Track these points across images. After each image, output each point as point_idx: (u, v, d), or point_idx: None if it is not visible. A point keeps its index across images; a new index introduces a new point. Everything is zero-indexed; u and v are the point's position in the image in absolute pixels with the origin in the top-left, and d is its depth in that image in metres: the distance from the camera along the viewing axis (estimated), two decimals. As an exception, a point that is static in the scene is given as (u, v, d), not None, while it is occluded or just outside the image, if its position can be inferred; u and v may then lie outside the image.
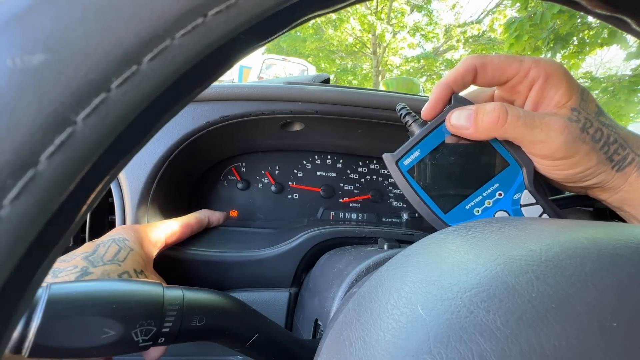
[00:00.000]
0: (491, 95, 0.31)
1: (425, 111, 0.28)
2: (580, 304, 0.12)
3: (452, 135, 0.27)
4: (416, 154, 0.28)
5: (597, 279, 0.13)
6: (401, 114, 0.30)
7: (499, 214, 0.28)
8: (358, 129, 0.47)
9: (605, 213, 0.49)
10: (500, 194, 0.28)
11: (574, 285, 0.13)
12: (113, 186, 0.39)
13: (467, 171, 0.28)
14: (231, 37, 0.09)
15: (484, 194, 0.28)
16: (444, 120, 0.27)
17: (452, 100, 0.28)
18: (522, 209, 0.28)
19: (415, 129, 0.29)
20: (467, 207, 0.28)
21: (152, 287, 0.19)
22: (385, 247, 0.34)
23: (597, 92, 4.85)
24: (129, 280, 0.19)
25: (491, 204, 0.28)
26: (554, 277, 0.13)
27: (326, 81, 0.52)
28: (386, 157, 0.29)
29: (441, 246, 0.18)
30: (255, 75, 5.36)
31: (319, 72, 7.28)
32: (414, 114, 0.30)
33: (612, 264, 0.14)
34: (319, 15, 0.12)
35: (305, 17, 0.11)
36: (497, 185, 0.28)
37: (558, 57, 4.32)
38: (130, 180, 0.39)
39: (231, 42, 0.09)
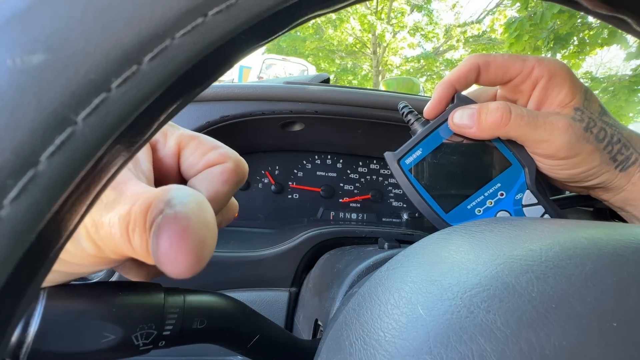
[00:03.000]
0: (494, 94, 0.31)
1: (428, 110, 0.28)
2: (581, 304, 0.12)
3: (455, 134, 0.27)
4: (418, 152, 0.28)
5: (597, 279, 0.13)
6: (403, 112, 0.30)
7: (501, 214, 0.28)
8: (358, 129, 0.47)
9: (606, 213, 0.49)
10: (502, 194, 0.28)
11: (574, 285, 0.13)
12: None
13: (469, 171, 0.28)
14: (231, 37, 0.09)
15: (486, 194, 0.28)
16: (446, 120, 0.27)
17: (455, 99, 0.27)
18: (524, 209, 0.28)
19: (418, 128, 0.28)
20: (469, 207, 0.28)
21: (152, 290, 0.19)
22: (386, 246, 0.34)
23: (597, 92, 4.85)
24: (129, 284, 0.19)
25: (493, 204, 0.28)
26: (554, 277, 0.13)
27: (326, 81, 0.52)
28: (388, 155, 0.28)
29: (441, 246, 0.18)
30: (255, 75, 5.36)
31: (319, 72, 7.28)
32: (416, 112, 0.30)
33: (613, 264, 0.14)
34: (319, 15, 0.12)
35: (306, 17, 0.11)
36: (498, 185, 0.28)
37: (558, 57, 4.33)
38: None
39: (231, 42, 0.09)
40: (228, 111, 0.40)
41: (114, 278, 0.34)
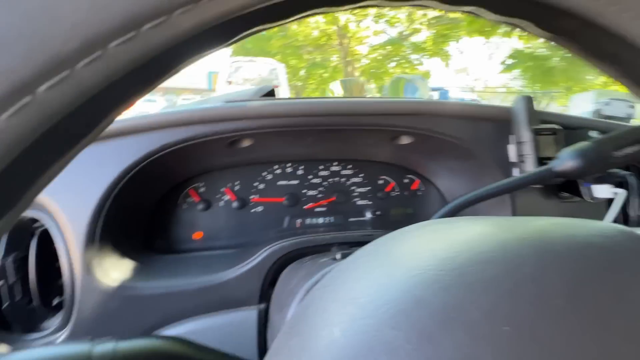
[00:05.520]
0: None
1: None
2: (477, 310, 0.12)
3: None
4: None
5: (495, 283, 0.13)
6: None
7: None
8: (308, 137, 0.47)
9: (555, 190, 0.50)
10: None
11: (474, 293, 0.13)
12: (54, 231, 0.37)
13: None
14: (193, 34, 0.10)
15: None
16: None
17: None
18: None
19: None
20: None
21: (78, 347, 0.19)
22: (338, 256, 0.34)
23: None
24: (55, 346, 0.19)
25: None
26: (457, 286, 0.13)
27: (270, 93, 0.51)
28: None
29: (368, 260, 0.18)
30: (224, 79, 5.24)
31: (289, 69, 7.21)
32: None
33: (513, 267, 0.14)
34: (267, 29, 0.12)
35: (254, 29, 0.12)
36: None
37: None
38: (72, 222, 0.37)
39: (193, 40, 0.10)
40: (168, 139, 0.39)
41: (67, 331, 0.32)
